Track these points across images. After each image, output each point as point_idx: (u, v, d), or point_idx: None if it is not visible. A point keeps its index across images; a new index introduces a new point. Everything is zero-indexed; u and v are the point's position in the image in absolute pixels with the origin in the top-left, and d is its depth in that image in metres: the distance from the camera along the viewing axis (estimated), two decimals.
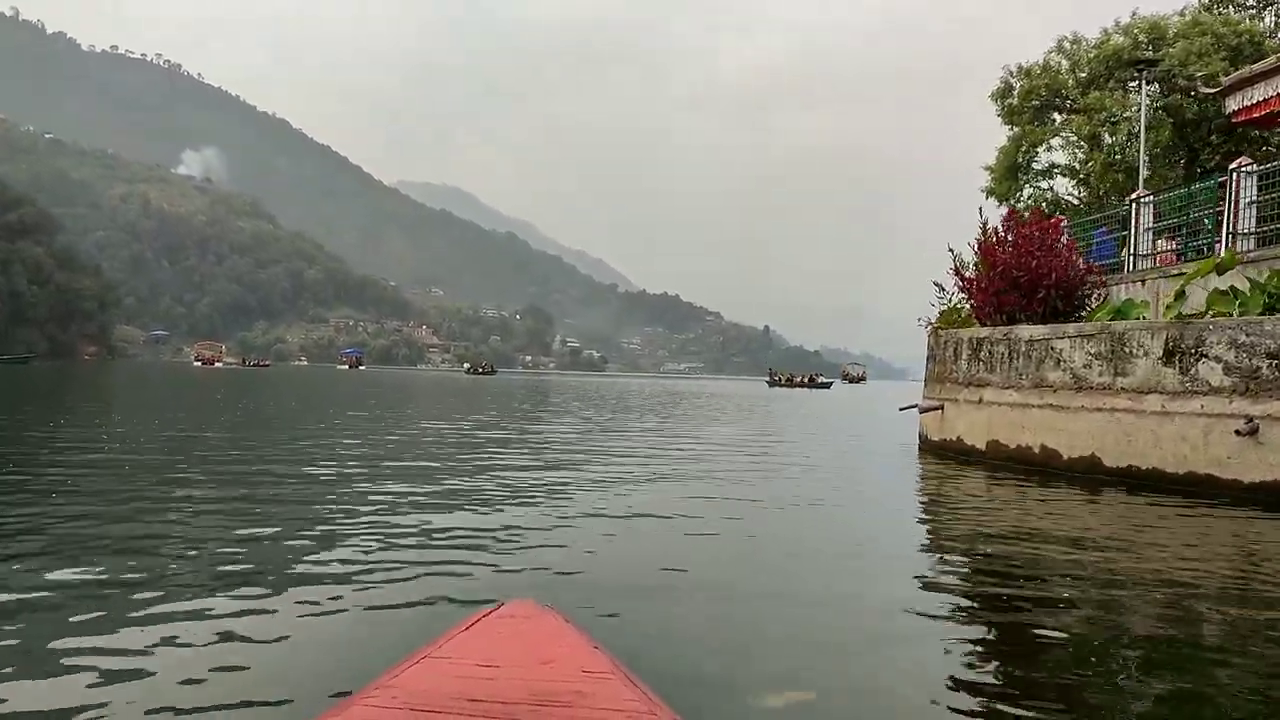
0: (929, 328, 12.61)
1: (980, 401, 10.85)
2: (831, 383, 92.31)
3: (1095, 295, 11.43)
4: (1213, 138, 24.75)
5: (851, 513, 8.06)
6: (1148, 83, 22.23)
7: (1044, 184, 30.24)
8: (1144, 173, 21.59)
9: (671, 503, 7.53)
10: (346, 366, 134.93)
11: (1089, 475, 9.15)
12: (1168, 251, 13.98)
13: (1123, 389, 8.83)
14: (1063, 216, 18.82)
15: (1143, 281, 12.33)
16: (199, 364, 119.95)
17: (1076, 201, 28.73)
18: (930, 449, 12.58)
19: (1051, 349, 9.69)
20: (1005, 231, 11.59)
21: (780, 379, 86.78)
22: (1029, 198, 29.41)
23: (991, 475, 9.84)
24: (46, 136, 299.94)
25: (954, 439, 11.53)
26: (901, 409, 15.64)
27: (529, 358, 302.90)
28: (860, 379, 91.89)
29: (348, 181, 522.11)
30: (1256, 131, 22.13)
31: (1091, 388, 9.15)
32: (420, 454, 11.47)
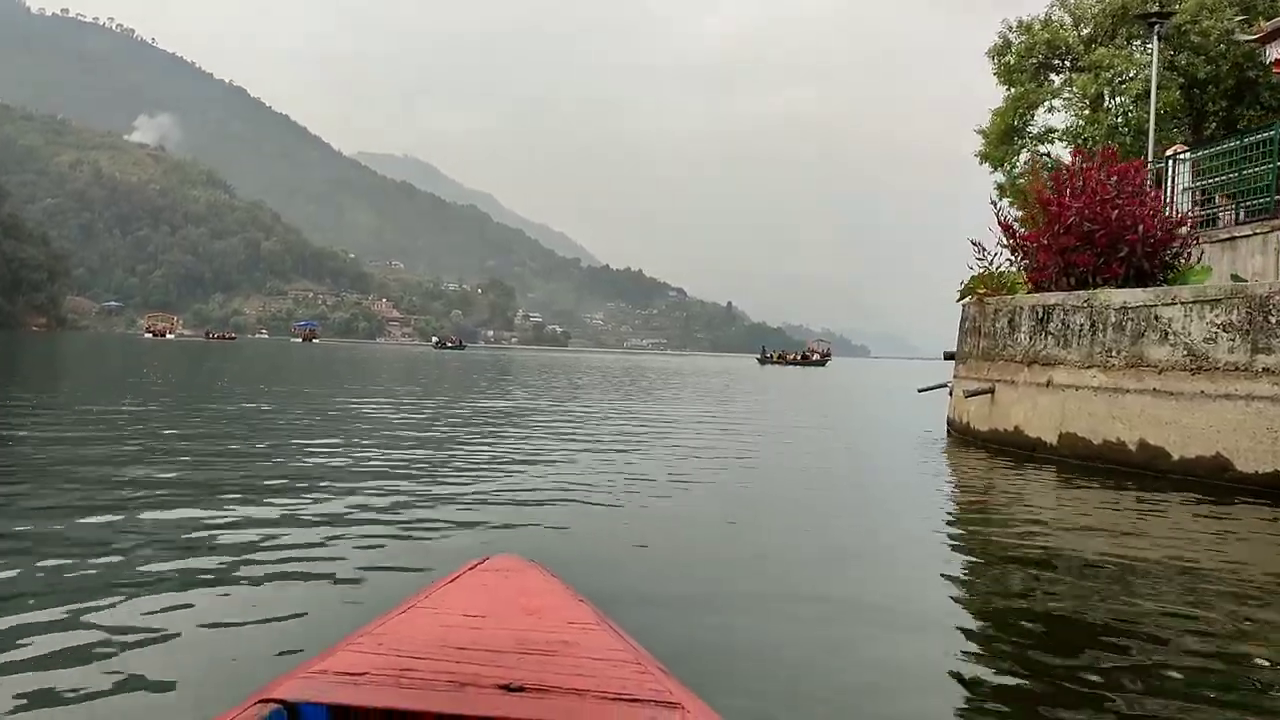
0: (974, 297, 10.52)
1: (1048, 384, 8.82)
2: (828, 359, 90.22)
3: (1186, 255, 9.40)
4: (1223, 101, 23.29)
5: (874, 526, 6.26)
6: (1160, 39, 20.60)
7: (1042, 148, 28.37)
8: (1152, 135, 19.98)
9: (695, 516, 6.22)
10: (300, 340, 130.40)
11: (1210, 481, 7.19)
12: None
13: (1265, 370, 6.85)
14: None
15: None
16: (149, 336, 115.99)
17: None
18: (970, 439, 10.54)
19: (1155, 319, 7.62)
20: (1073, 177, 9.56)
21: (772, 356, 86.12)
22: (1025, 163, 27.68)
23: (1067, 478, 7.85)
24: None
25: (1009, 429, 9.44)
26: (922, 390, 13.85)
27: (491, 332, 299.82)
28: (825, 357, 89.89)
29: (307, 151, 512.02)
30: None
31: (1217, 369, 7.14)
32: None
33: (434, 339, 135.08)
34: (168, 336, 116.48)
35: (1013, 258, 10.51)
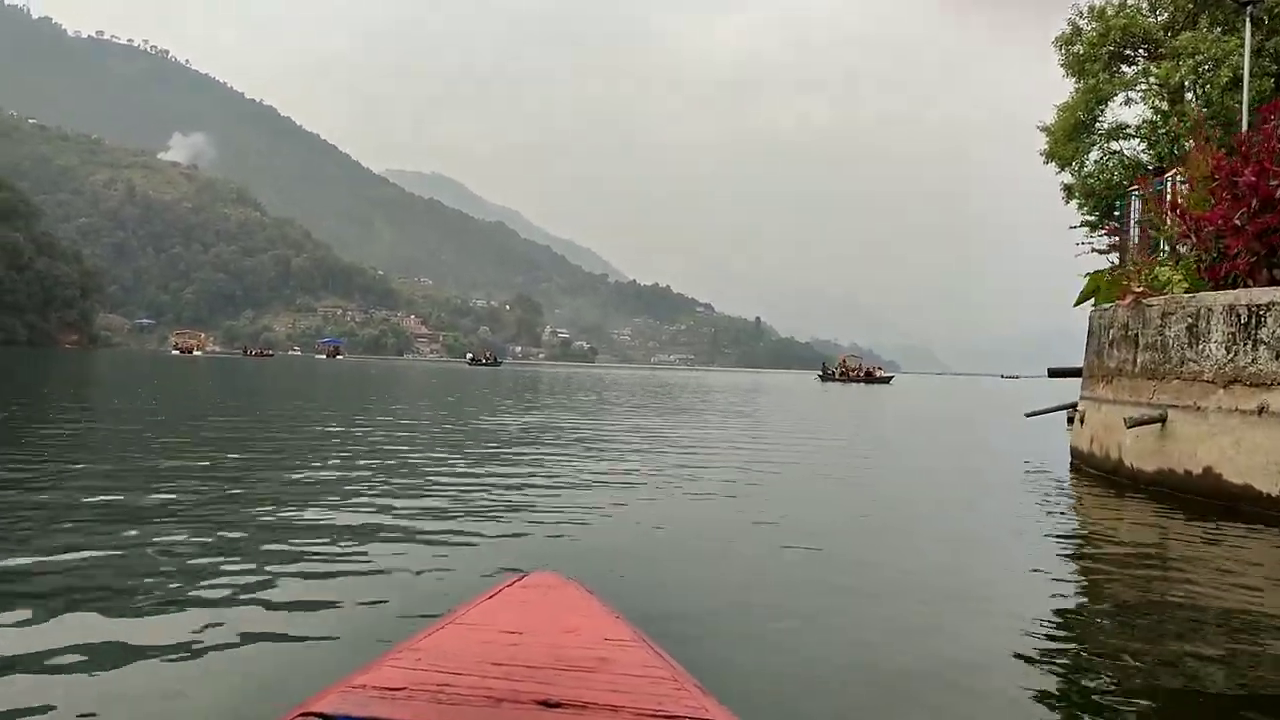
0: (1125, 298, 8.30)
1: (1261, 412, 6.59)
2: (892, 377, 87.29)
3: None
4: None
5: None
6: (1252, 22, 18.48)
7: (1115, 145, 26.09)
8: (1245, 128, 17.82)
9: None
10: (324, 356, 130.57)
11: None
12: None
13: None
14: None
15: None
16: (176, 352, 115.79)
17: (1152, 166, 24.73)
18: (1122, 479, 8.30)
19: None
20: (1271, 139, 7.39)
21: (834, 372, 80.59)
22: (1096, 161, 25.50)
23: None
24: (30, 122, 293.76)
25: (1193, 471, 7.15)
26: (1031, 415, 11.73)
27: (518, 348, 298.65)
28: (889, 375, 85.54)
29: (336, 169, 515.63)
30: None
31: None
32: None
33: (468, 355, 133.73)
34: (195, 354, 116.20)
35: (1167, 248, 8.37)
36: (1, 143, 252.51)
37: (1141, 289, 8.20)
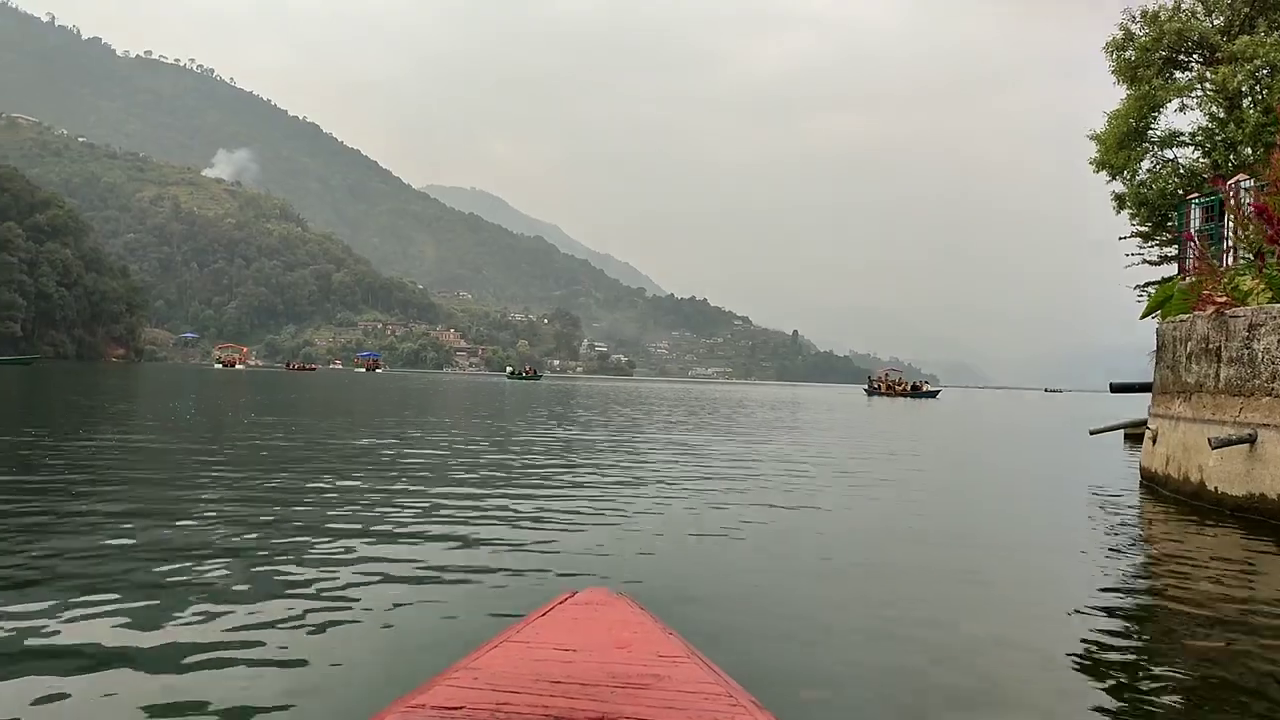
0: (1205, 309, 7.74)
1: None
2: (938, 391, 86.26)
3: None
4: None
5: None
6: None
7: (1169, 153, 25.33)
8: None
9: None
10: (363, 370, 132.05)
11: None
12: None
13: None
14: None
15: None
16: (219, 366, 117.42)
17: (1208, 176, 23.96)
18: (1205, 504, 7.72)
19: None
20: None
21: (879, 386, 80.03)
22: (1149, 170, 24.77)
23: None
24: (79, 140, 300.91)
25: None
26: (1094, 432, 11.18)
27: (556, 362, 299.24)
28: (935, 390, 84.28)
29: (377, 184, 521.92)
30: None
31: None
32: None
33: (508, 369, 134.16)
34: (238, 367, 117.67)
35: (1249, 256, 7.82)
36: (52, 161, 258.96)
37: (1224, 298, 7.66)
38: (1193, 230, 12.16)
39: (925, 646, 3.67)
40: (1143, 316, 11.71)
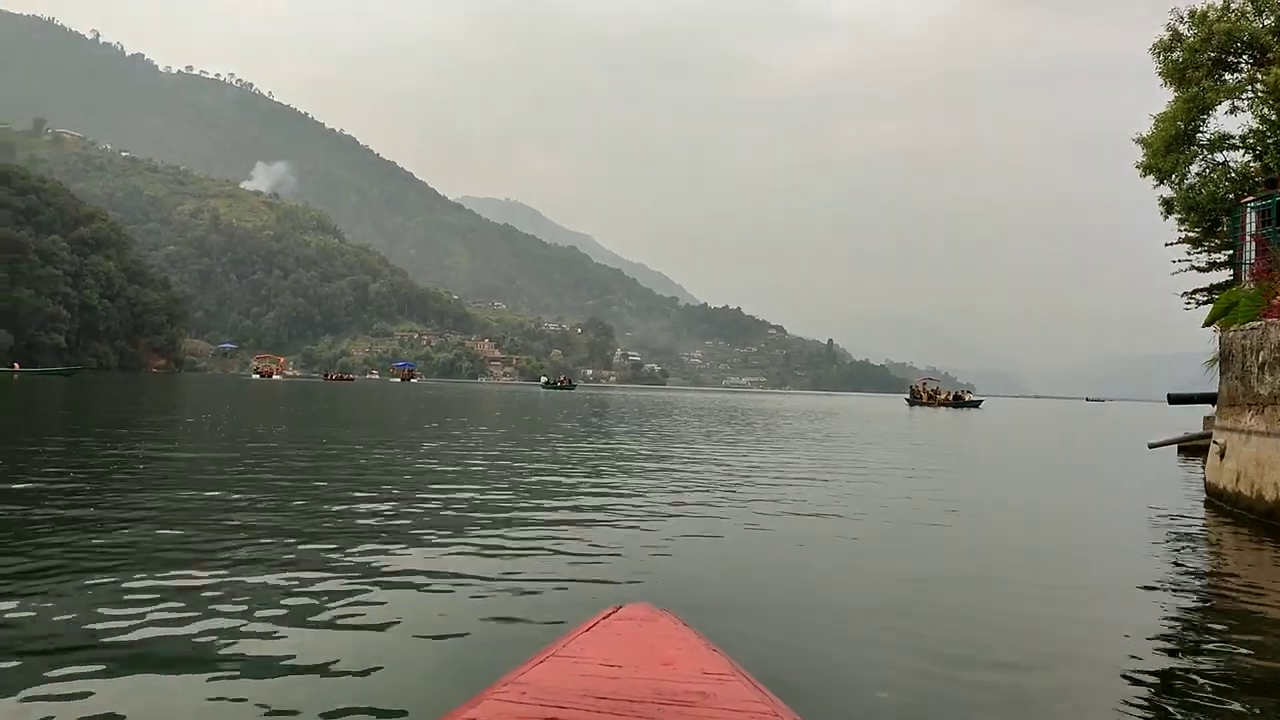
0: (1263, 320, 7.35)
1: None
2: (981, 400, 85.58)
3: None
4: None
5: None
6: None
7: (1219, 156, 24.70)
8: None
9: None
10: (399, 380, 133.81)
11: None
12: None
13: None
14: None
15: None
16: (257, 376, 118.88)
17: (1261, 179, 23.34)
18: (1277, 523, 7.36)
19: None
20: None
21: (922, 396, 79.91)
22: (1198, 174, 24.17)
23: None
24: (122, 154, 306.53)
25: None
26: (1153, 446, 10.79)
27: (590, 371, 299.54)
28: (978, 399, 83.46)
29: (412, 196, 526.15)
30: None
31: None
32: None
33: (543, 379, 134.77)
34: (275, 377, 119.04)
35: None
36: (96, 175, 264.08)
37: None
38: (1248, 234, 11.77)
39: (996, 690, 3.53)
40: (1206, 324, 11.30)
